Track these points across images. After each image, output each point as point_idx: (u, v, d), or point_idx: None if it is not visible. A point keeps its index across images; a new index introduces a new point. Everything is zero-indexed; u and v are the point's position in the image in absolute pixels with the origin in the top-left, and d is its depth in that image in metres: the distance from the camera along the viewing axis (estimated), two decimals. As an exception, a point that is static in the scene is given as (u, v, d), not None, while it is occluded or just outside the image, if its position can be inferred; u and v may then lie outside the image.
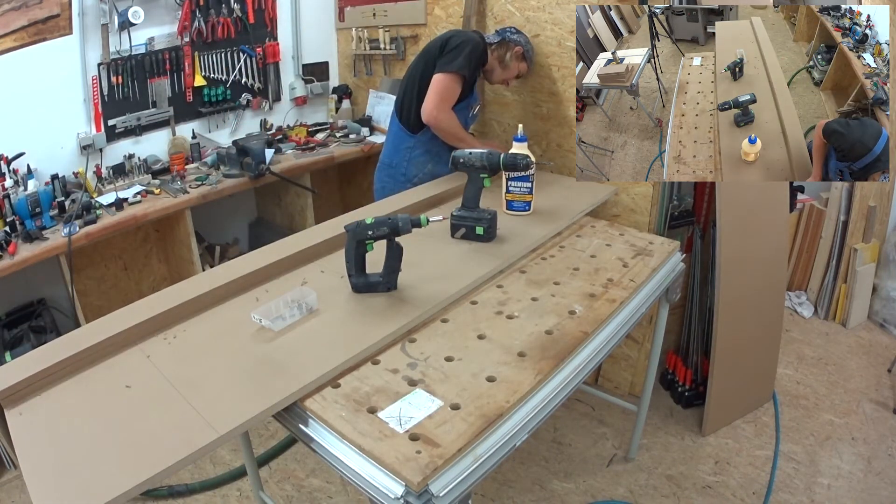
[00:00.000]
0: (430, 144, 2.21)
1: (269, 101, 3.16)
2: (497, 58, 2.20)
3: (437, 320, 1.33)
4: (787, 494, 1.96)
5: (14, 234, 2.12)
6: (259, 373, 1.13)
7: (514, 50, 2.19)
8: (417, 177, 2.24)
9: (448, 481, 0.93)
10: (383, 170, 2.33)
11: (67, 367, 1.15)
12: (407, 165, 2.24)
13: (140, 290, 2.89)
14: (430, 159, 2.24)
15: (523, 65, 2.24)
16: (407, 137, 2.23)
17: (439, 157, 2.23)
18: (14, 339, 2.28)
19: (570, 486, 2.04)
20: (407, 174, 2.24)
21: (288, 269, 1.56)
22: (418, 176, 2.24)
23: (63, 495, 0.88)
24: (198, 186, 2.49)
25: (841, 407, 2.39)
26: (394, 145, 2.29)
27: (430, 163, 2.24)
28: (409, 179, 2.23)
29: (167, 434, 0.97)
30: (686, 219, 2.34)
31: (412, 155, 2.23)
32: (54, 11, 2.33)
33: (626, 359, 2.44)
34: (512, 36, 2.22)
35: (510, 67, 2.21)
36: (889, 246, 2.95)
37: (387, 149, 2.33)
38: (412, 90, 2.18)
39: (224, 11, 2.81)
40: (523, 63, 2.24)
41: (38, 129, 2.39)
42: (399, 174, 2.25)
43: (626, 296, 1.43)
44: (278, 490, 2.06)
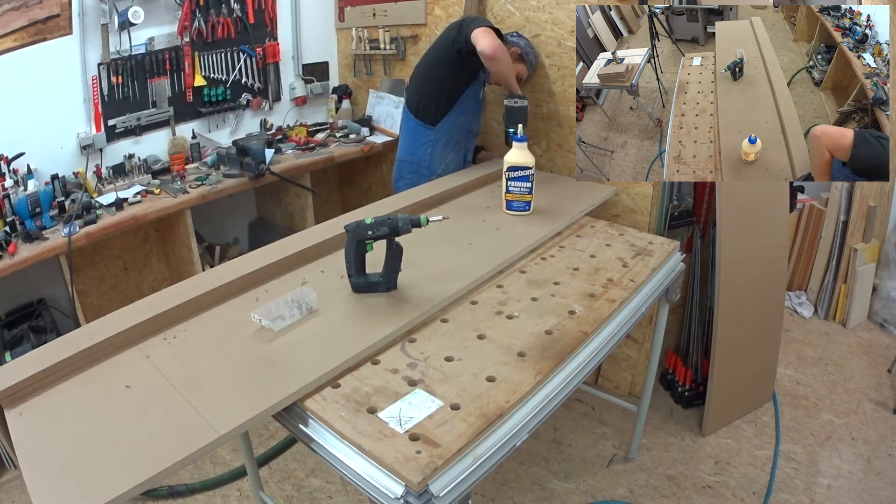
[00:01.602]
0: (450, 133, 2.26)
1: (269, 101, 3.16)
2: None
3: (437, 320, 1.33)
4: (787, 494, 1.96)
5: (14, 234, 2.12)
6: (259, 373, 1.13)
7: (512, 51, 2.21)
8: (441, 168, 2.29)
9: (448, 481, 0.93)
10: (405, 166, 2.35)
11: (67, 367, 1.15)
12: (430, 159, 2.28)
13: (140, 290, 2.89)
14: (451, 149, 2.29)
15: (521, 66, 2.26)
16: (427, 131, 2.25)
17: (459, 146, 2.31)
18: (14, 339, 2.28)
19: (570, 486, 2.04)
20: (431, 167, 2.28)
21: (288, 269, 1.56)
22: (441, 167, 2.29)
23: (63, 495, 0.88)
24: (198, 186, 2.49)
25: (841, 407, 2.39)
26: (413, 140, 2.31)
27: (451, 152, 2.29)
28: (433, 172, 2.28)
29: (167, 434, 0.97)
30: (686, 219, 2.34)
31: (435, 147, 2.27)
32: (54, 11, 2.33)
33: (626, 359, 2.44)
34: (512, 38, 2.26)
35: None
36: (889, 246, 2.95)
37: (405, 145, 2.36)
38: (427, 81, 2.23)
39: (224, 11, 2.81)
40: (521, 64, 2.26)
41: (38, 129, 2.38)
42: (423, 168, 2.29)
43: (626, 296, 1.43)
44: (278, 490, 2.06)
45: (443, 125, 2.24)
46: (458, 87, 2.21)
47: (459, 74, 2.19)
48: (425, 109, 2.25)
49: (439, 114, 2.22)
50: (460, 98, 2.22)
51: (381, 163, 3.20)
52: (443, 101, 2.22)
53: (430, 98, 2.23)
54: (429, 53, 2.28)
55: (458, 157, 2.33)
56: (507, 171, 1.80)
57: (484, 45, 1.98)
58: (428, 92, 2.24)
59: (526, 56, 2.25)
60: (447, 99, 2.22)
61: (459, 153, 2.33)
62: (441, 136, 2.26)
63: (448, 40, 2.14)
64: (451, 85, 2.21)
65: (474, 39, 2.01)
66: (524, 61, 2.26)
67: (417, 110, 2.27)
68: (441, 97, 2.22)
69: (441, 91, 2.21)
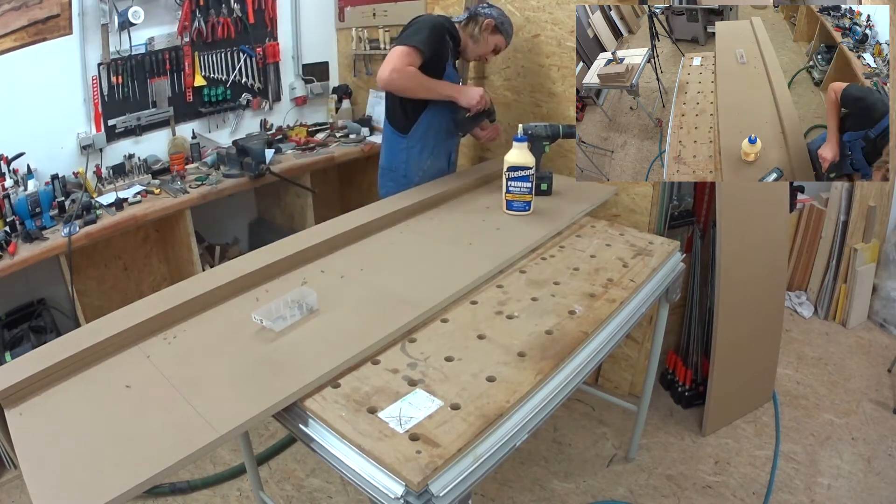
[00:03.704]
0: (424, 140, 2.18)
1: (269, 101, 3.16)
2: (468, 34, 2.15)
3: (437, 320, 1.33)
4: (787, 494, 1.96)
5: (14, 234, 2.12)
6: (259, 373, 1.13)
7: (485, 23, 2.13)
8: (418, 175, 2.21)
9: (448, 481, 0.93)
10: (385, 174, 2.30)
11: (67, 367, 1.15)
12: (406, 167, 2.22)
13: (140, 290, 2.89)
14: (427, 155, 2.21)
15: (498, 38, 2.16)
16: (399, 139, 2.20)
17: (435, 151, 2.22)
18: (14, 339, 2.28)
19: (570, 486, 2.04)
20: (408, 175, 2.22)
21: (288, 269, 1.55)
22: (419, 174, 2.21)
23: (63, 495, 0.88)
24: (198, 186, 2.49)
25: (841, 407, 2.39)
26: (389, 149, 2.26)
27: (428, 159, 2.22)
28: (410, 181, 2.21)
29: (167, 434, 0.97)
30: (686, 219, 2.34)
31: (409, 154, 2.20)
32: (54, 11, 2.33)
33: (626, 359, 2.44)
34: (483, 10, 2.15)
35: (483, 41, 2.15)
36: (889, 246, 2.95)
37: (384, 153, 2.30)
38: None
39: (224, 11, 2.81)
40: (497, 36, 2.16)
41: (38, 129, 2.38)
42: (400, 177, 2.23)
43: (626, 296, 1.43)
44: (278, 490, 2.06)
45: (415, 132, 2.16)
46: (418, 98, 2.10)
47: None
48: (396, 117, 2.18)
49: (410, 120, 2.14)
50: (426, 108, 2.13)
51: (381, 163, 3.20)
52: (410, 108, 2.14)
53: (398, 105, 2.15)
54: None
55: (438, 163, 2.24)
56: (507, 171, 1.80)
57: (379, 77, 1.95)
58: (391, 103, 2.17)
59: (501, 27, 2.15)
60: (414, 104, 2.12)
61: (440, 157, 2.24)
62: (415, 143, 2.18)
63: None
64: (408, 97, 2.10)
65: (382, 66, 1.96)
66: (500, 31, 2.15)
67: (391, 118, 2.21)
68: (408, 103, 2.13)
69: (403, 102, 2.13)
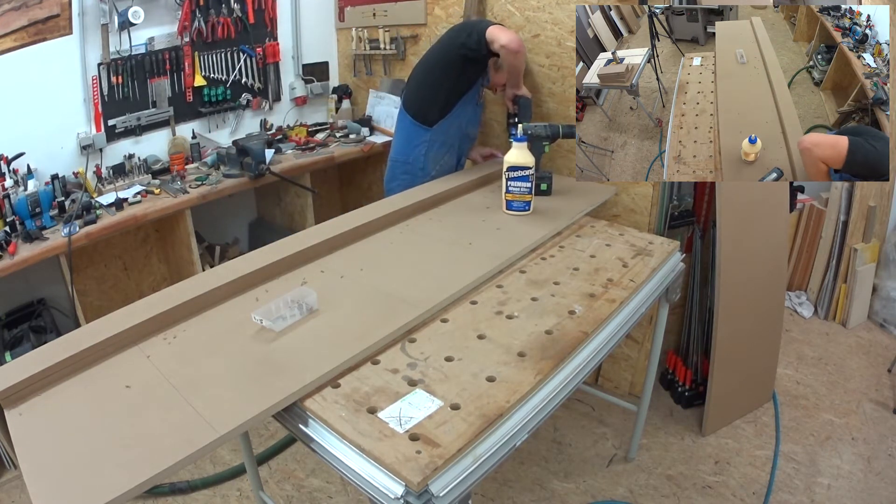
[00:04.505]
0: (446, 136, 2.26)
1: (269, 101, 3.16)
2: (493, 62, 2.22)
3: (437, 320, 1.33)
4: (787, 494, 1.96)
5: (14, 234, 2.12)
6: (259, 373, 1.13)
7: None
8: (435, 169, 2.28)
9: (448, 481, 0.93)
10: (399, 166, 2.34)
11: (67, 367, 1.15)
12: (424, 160, 2.27)
13: (140, 290, 2.89)
14: (446, 151, 2.28)
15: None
16: (422, 131, 2.25)
17: (454, 149, 2.30)
18: (14, 339, 2.28)
19: (570, 486, 2.04)
20: (425, 168, 2.28)
21: (288, 269, 1.56)
22: (436, 169, 2.28)
23: (63, 495, 0.88)
24: (198, 186, 2.49)
25: (841, 407, 2.39)
26: (407, 141, 2.30)
27: (446, 154, 2.29)
28: (427, 174, 2.27)
29: (167, 434, 0.97)
30: (686, 219, 2.34)
31: (430, 147, 2.26)
32: (54, 11, 2.33)
33: (626, 359, 2.44)
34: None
35: (503, 73, 2.24)
36: (889, 246, 2.95)
37: (398, 146, 2.35)
38: (427, 83, 2.23)
39: (224, 11, 2.81)
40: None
41: (38, 129, 2.38)
42: (417, 169, 2.28)
43: (626, 296, 1.43)
44: (278, 490, 2.06)
45: (440, 127, 2.24)
46: (458, 91, 2.22)
47: (461, 77, 2.19)
48: (423, 111, 2.25)
49: (437, 116, 2.22)
50: (459, 101, 2.23)
51: (381, 163, 3.19)
52: (442, 104, 2.22)
53: (428, 100, 2.23)
54: (430, 55, 2.27)
55: (452, 160, 2.33)
56: (507, 171, 1.80)
57: (507, 39, 2.00)
58: (427, 94, 2.24)
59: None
60: (446, 102, 2.22)
61: (454, 156, 2.33)
62: (437, 137, 2.26)
63: (454, 44, 2.14)
64: (451, 88, 2.21)
65: (492, 37, 2.01)
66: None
67: (415, 111, 2.27)
68: (440, 100, 2.22)
69: (440, 94, 2.21)
